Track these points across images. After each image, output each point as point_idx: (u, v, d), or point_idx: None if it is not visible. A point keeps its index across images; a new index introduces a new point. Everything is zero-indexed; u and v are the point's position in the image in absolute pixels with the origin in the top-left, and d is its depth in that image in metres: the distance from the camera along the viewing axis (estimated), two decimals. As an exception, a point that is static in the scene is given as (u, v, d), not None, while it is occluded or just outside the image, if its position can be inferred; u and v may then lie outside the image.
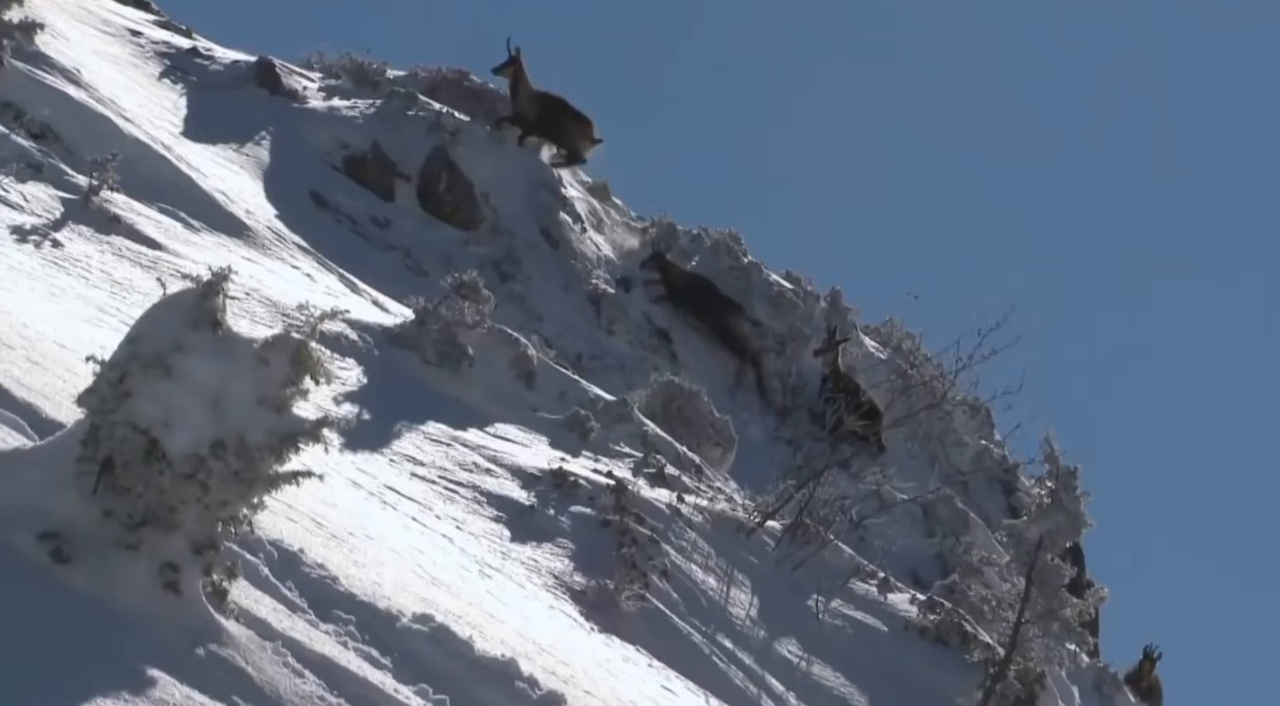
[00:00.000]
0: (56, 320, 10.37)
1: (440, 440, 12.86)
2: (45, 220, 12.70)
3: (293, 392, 6.51)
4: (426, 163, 19.48)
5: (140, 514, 6.22)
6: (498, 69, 20.39)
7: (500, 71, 20.41)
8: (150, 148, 15.32)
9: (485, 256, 18.84)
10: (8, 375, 8.00)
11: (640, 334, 19.45)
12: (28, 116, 14.14)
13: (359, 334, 13.72)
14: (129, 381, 6.28)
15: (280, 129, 18.89)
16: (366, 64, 21.00)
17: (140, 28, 20.16)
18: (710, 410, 16.38)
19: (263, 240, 15.52)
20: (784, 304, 20.54)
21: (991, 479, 20.50)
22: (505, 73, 20.36)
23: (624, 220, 21.14)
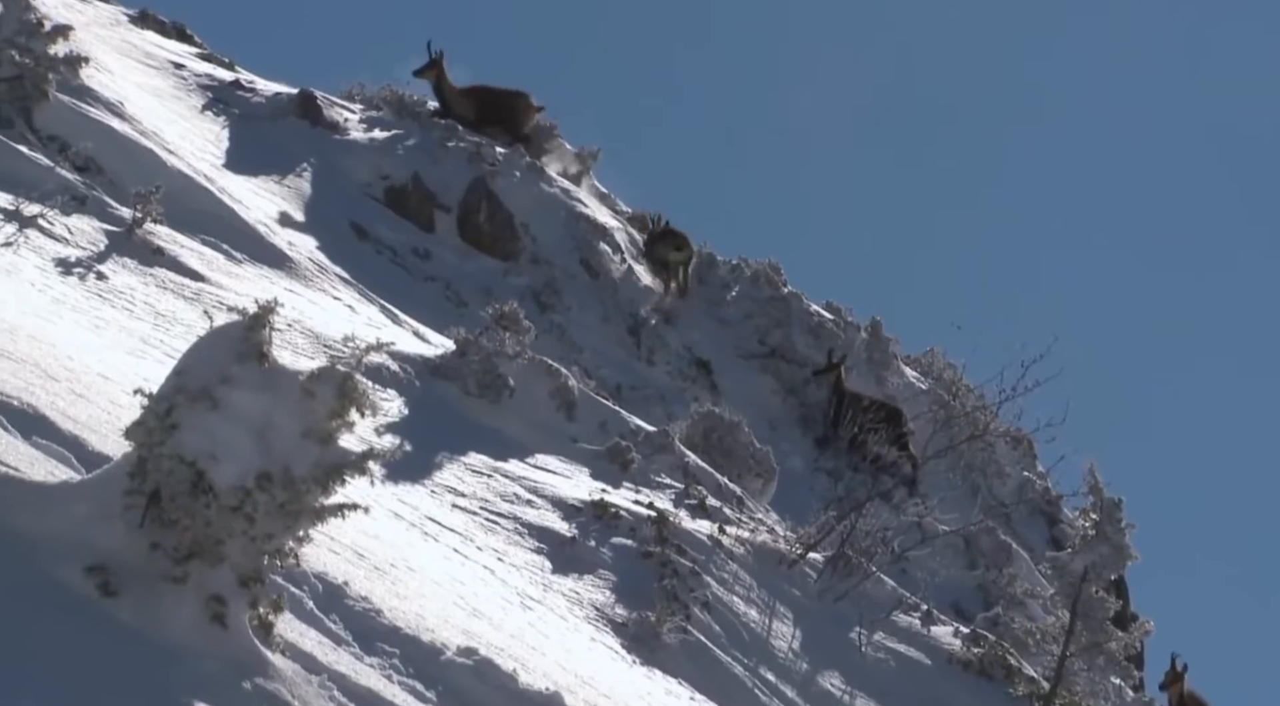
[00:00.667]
0: (100, 352, 10.41)
1: (481, 471, 12.86)
2: (89, 252, 12.76)
3: (338, 425, 6.51)
4: (466, 194, 19.54)
5: (187, 547, 6.22)
6: (418, 72, 20.37)
7: (421, 74, 20.41)
8: (193, 180, 15.40)
9: (525, 287, 18.88)
10: (54, 407, 8.03)
11: (680, 364, 19.44)
12: (73, 149, 14.22)
13: (400, 365, 13.74)
14: (176, 414, 6.29)
15: (321, 160, 18.99)
16: (407, 96, 21.08)
17: (183, 61, 20.30)
18: (751, 441, 16.35)
19: (304, 272, 15.56)
20: (824, 334, 20.51)
21: (1034, 511, 20.40)
22: (427, 75, 20.38)
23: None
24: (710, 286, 20.55)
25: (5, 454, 6.75)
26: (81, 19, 18.91)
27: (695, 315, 20.14)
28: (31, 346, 9.26)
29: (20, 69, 13.97)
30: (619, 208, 21.75)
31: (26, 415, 7.61)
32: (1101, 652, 12.50)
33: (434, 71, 20.24)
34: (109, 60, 17.72)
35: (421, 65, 20.33)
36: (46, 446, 7.27)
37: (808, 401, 20.10)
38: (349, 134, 19.79)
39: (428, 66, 20.26)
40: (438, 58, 20.23)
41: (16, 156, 13.50)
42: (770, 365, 20.24)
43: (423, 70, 20.31)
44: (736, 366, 19.97)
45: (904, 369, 21.07)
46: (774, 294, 20.70)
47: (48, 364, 9.00)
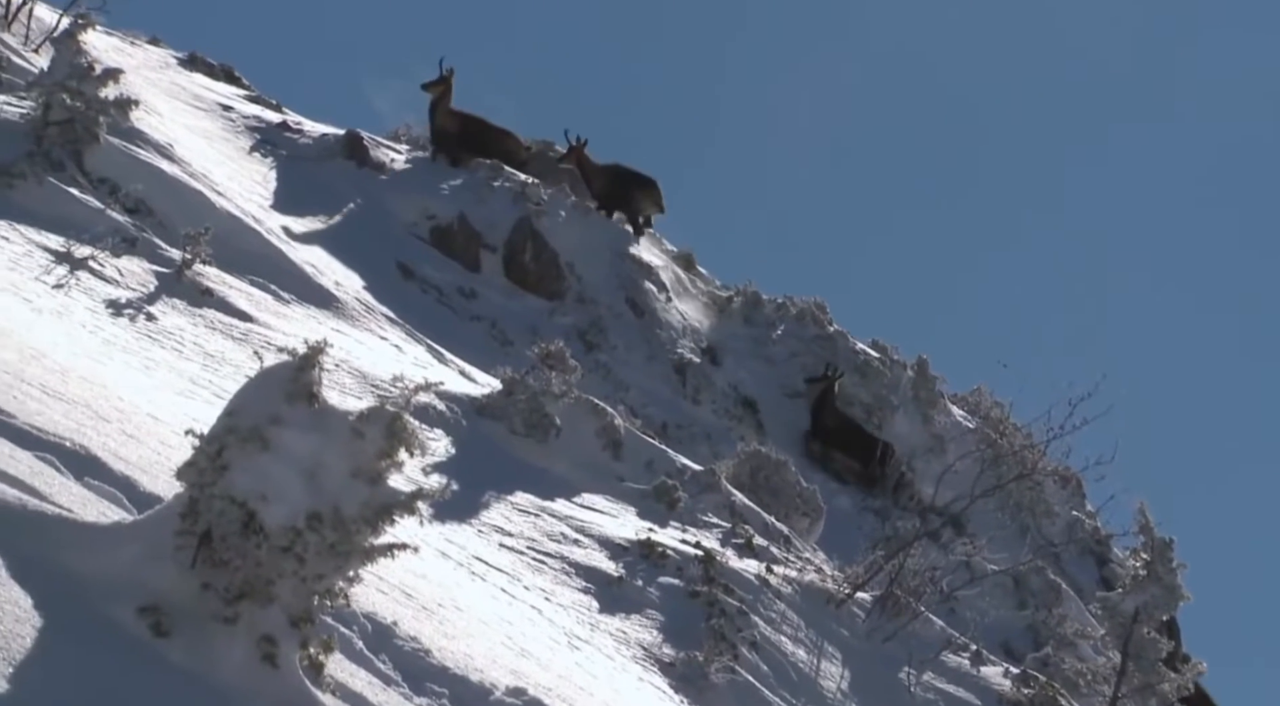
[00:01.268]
0: (150, 392, 10.47)
1: (528, 510, 12.86)
2: (140, 294, 12.85)
3: (387, 465, 6.52)
4: (512, 233, 19.60)
5: (238, 587, 6.23)
6: (427, 85, 20.44)
7: (430, 88, 20.47)
8: (241, 221, 15.50)
9: (571, 326, 18.91)
10: (105, 448, 8.07)
11: (726, 403, 19.42)
12: (123, 191, 14.34)
13: (447, 404, 13.77)
14: (227, 454, 6.31)
15: (368, 201, 19.09)
16: (453, 135, 21.17)
17: (231, 102, 20.47)
18: (798, 480, 16.31)
19: (351, 311, 15.63)
20: (870, 373, 20.47)
21: (1084, 550, 20.27)
22: (435, 89, 20.43)
23: (709, 289, 21.16)
24: (756, 325, 20.54)
25: (58, 495, 6.79)
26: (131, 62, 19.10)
27: (741, 353, 20.13)
28: (83, 387, 9.32)
29: (72, 112, 14.10)
30: (664, 246, 21.78)
31: (79, 456, 7.66)
32: (1154, 694, 12.38)
33: (442, 87, 20.31)
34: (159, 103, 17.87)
35: (432, 80, 20.40)
36: (98, 487, 7.31)
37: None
38: (395, 174, 19.89)
39: (437, 82, 20.34)
40: (449, 74, 20.31)
41: (68, 199, 13.62)
42: (816, 404, 20.19)
43: (432, 84, 20.38)
44: (782, 405, 19.94)
45: (951, 407, 21.00)
46: (820, 332, 20.68)
47: (99, 405, 9.05)
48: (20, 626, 5.76)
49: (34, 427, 7.75)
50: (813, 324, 20.68)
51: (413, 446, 6.55)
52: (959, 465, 19.37)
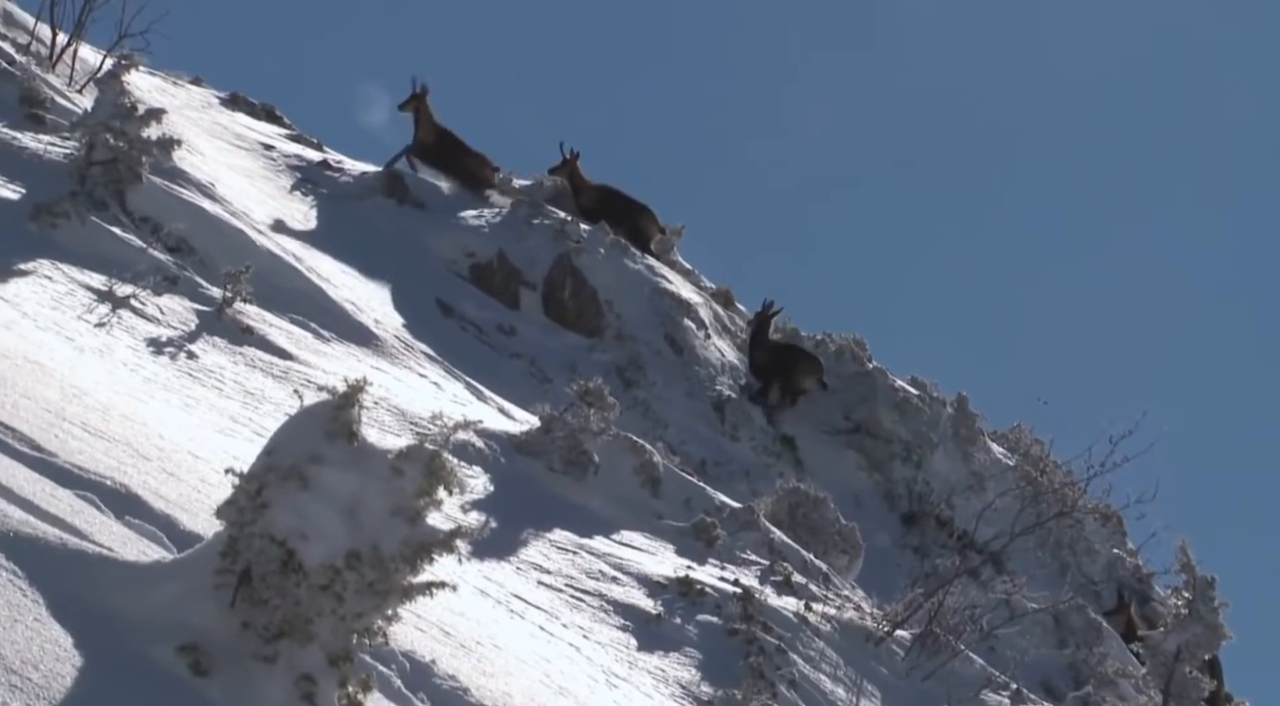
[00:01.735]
0: (191, 430, 10.53)
1: (566, 548, 12.87)
2: (180, 332, 12.93)
3: (426, 503, 6.54)
4: (551, 270, 19.66)
5: (277, 626, 6.25)
6: (403, 104, 20.58)
7: (405, 107, 20.56)
8: (282, 259, 15.58)
9: (609, 363, 18.93)
10: (145, 486, 8.12)
11: (764, 440, 19.40)
12: (165, 230, 14.44)
13: (485, 442, 13.80)
14: (266, 493, 6.34)
15: (407, 238, 19.18)
16: (493, 173, 21.28)
17: (272, 141, 20.62)
18: (836, 517, 16.27)
19: (390, 349, 15.68)
20: (909, 410, 20.43)
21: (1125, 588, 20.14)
22: (409, 107, 20.52)
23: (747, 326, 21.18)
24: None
25: (99, 534, 6.83)
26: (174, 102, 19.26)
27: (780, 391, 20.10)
28: (124, 426, 9.38)
29: (115, 152, 14.21)
30: (703, 283, 21.81)
31: (119, 495, 7.70)
32: (1196, 733, 12.29)
33: (415, 104, 20.46)
34: (200, 142, 18.02)
35: (405, 99, 20.57)
36: (139, 526, 7.35)
37: (893, 477, 20.00)
38: (435, 212, 19.99)
39: (410, 100, 20.50)
40: (422, 92, 20.47)
41: (110, 238, 13.73)
42: (855, 441, 20.17)
43: (406, 103, 20.54)
44: (821, 442, 19.91)
45: (990, 444, 20.93)
46: (859, 369, 20.65)
47: (139, 443, 9.11)
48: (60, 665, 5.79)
49: (75, 466, 7.80)
50: (851, 361, 20.66)
51: (452, 485, 6.57)
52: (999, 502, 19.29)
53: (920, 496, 19.78)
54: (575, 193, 20.94)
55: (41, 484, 7.10)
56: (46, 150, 14.76)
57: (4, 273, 12.34)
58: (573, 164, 20.96)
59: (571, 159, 20.95)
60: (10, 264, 12.55)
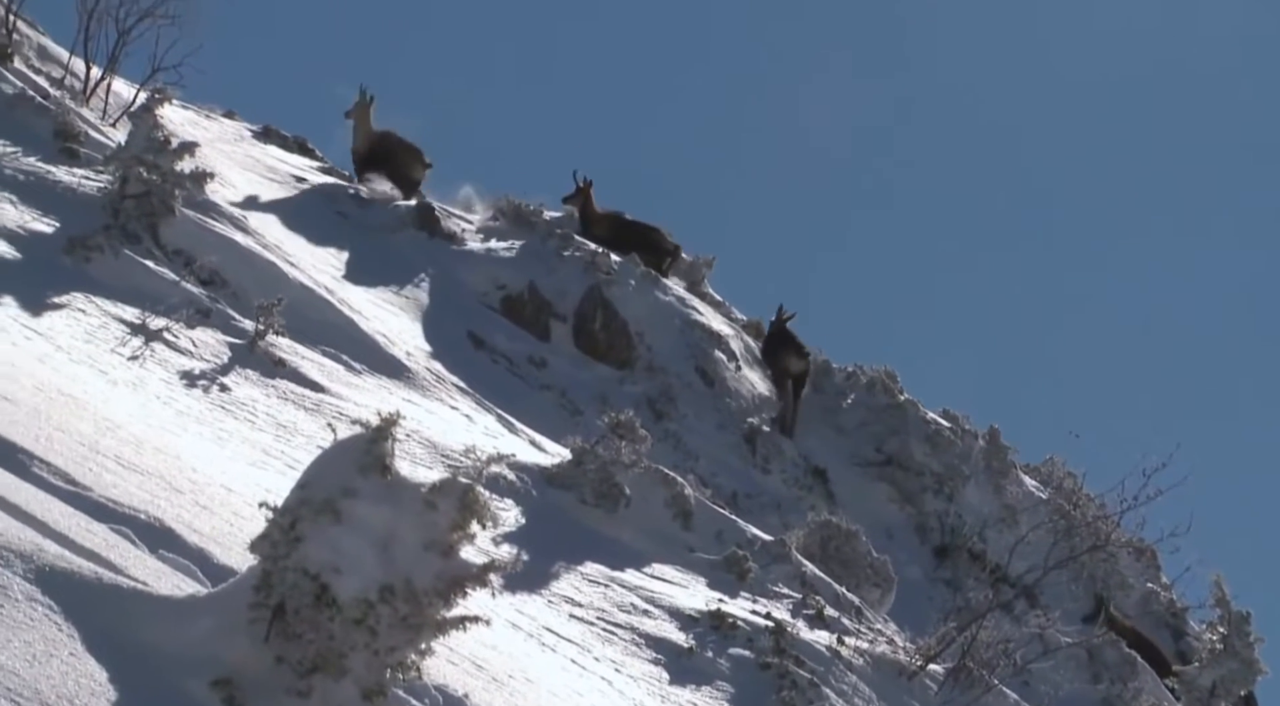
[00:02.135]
0: (223, 463, 10.55)
1: (598, 581, 12.84)
2: (213, 365, 12.97)
3: (459, 537, 6.53)
4: (582, 302, 19.67)
5: (311, 660, 6.25)
6: (348, 112, 20.91)
7: (350, 114, 20.91)
8: (314, 292, 15.62)
9: (640, 395, 18.92)
10: (179, 520, 8.13)
11: (796, 472, 19.35)
12: (198, 263, 14.50)
13: (517, 474, 13.79)
14: (300, 527, 6.35)
15: (439, 271, 19.21)
16: (523, 206, 21.32)
17: (304, 174, 20.69)
18: (869, 550, 16.21)
19: (422, 381, 15.70)
20: (941, 442, 20.36)
21: (1159, 623, 20.02)
22: (353, 115, 20.88)
23: None
24: (826, 394, 20.48)
25: (133, 568, 6.84)
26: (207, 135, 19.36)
27: (811, 422, 20.08)
28: (157, 459, 9.40)
29: (148, 185, 14.29)
30: (734, 315, 21.79)
31: (154, 528, 7.72)
32: (1232, 769, 12.19)
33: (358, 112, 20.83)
34: (233, 175, 18.10)
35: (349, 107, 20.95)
36: (173, 560, 7.36)
37: (925, 510, 19.93)
38: (466, 244, 20.02)
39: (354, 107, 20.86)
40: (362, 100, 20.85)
41: (144, 271, 13.79)
42: (887, 473, 20.11)
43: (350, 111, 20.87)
44: (853, 474, 19.85)
45: (1023, 477, 20.84)
46: (890, 401, 20.60)
47: (173, 476, 9.13)
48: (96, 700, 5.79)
49: (110, 500, 7.83)
50: (883, 393, 20.61)
51: (485, 518, 6.56)
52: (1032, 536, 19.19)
53: (952, 529, 19.69)
54: (586, 222, 21.02)
55: (77, 518, 7.12)
56: (80, 184, 14.84)
57: (38, 306, 12.40)
58: (586, 192, 21.02)
59: (585, 187, 21.02)
60: (44, 297, 12.61)
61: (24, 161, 14.97)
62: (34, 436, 8.44)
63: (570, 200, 21.26)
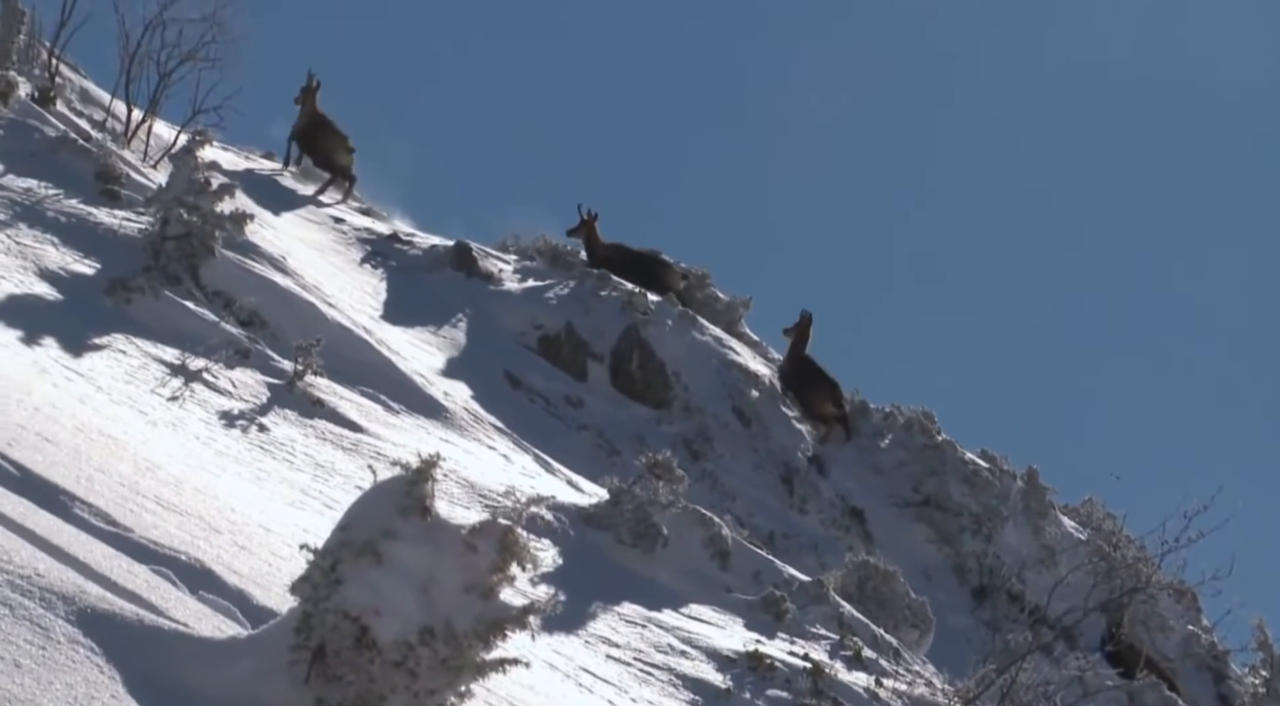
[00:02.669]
0: (262, 503, 10.59)
1: (635, 621, 12.82)
2: (252, 405, 13.03)
3: (499, 579, 6.53)
4: (619, 342, 19.69)
5: (351, 702, 6.25)
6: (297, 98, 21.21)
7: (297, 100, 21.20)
8: (352, 332, 15.68)
9: (677, 435, 18.91)
10: (218, 560, 8.16)
11: (833, 513, 19.30)
12: (237, 304, 14.58)
13: (554, 514, 13.80)
14: (341, 569, 6.35)
15: (476, 310, 19.26)
16: (560, 246, 21.39)
17: (343, 215, 20.80)
18: (907, 591, 16.14)
19: (459, 421, 15.73)
20: (979, 483, 20.29)
21: (1200, 665, 19.87)
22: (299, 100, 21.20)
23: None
24: (863, 434, 20.44)
25: (174, 609, 6.86)
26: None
27: (848, 463, 20.04)
28: (196, 499, 9.44)
29: (188, 227, 14.38)
30: (770, 355, 21.78)
31: (194, 569, 7.74)
32: (1275, 813, 12.08)
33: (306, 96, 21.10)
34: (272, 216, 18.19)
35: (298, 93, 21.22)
36: (213, 601, 7.38)
37: (963, 551, 19.85)
38: (503, 284, 20.08)
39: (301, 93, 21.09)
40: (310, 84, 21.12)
41: (183, 312, 13.87)
42: (925, 514, 20.05)
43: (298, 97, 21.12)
44: (890, 515, 19.79)
45: (1062, 518, 20.74)
46: (928, 442, 20.54)
47: (212, 516, 9.16)
48: (137, 741, 5.80)
49: (150, 541, 7.86)
50: (920, 433, 20.55)
51: (525, 560, 6.56)
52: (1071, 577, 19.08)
53: (991, 570, 19.60)
54: (592, 253, 21.15)
55: (118, 559, 7.14)
56: (121, 225, 14.95)
57: (79, 347, 12.49)
58: (590, 225, 21.11)
59: (589, 220, 21.10)
60: (85, 338, 12.70)
61: (66, 203, 15.09)
62: (75, 477, 8.49)
63: (574, 232, 21.28)
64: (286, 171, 21.44)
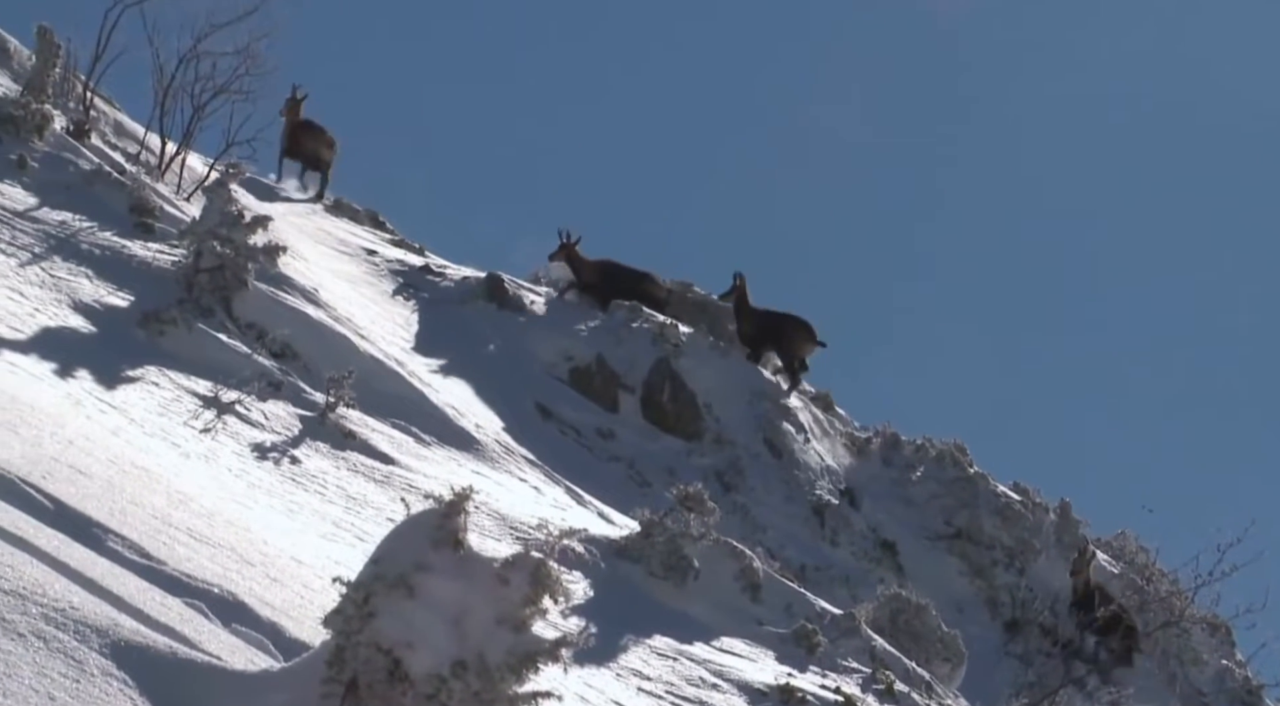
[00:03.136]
0: (294, 536, 10.60)
1: (666, 654, 12.79)
2: (284, 437, 13.05)
3: (531, 612, 6.52)
4: (650, 374, 19.69)
5: (383, 736, 6.25)
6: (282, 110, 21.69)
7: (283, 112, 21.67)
8: (384, 364, 15.71)
9: (708, 467, 18.89)
10: (251, 593, 8.17)
11: (865, 545, 19.25)
12: (269, 336, 14.62)
13: (585, 546, 13.78)
14: (373, 602, 6.36)
15: (507, 342, 19.29)
16: (591, 278, 21.40)
17: (375, 247, 20.87)
18: (939, 624, 16.07)
19: (491, 453, 15.74)
20: (1011, 516, 20.21)
21: (1234, 700, 19.72)
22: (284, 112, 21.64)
23: (847, 430, 21.09)
24: (895, 466, 20.39)
25: (208, 642, 6.87)
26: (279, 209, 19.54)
27: (880, 495, 19.99)
28: (228, 531, 9.46)
29: (222, 259, 14.44)
30: (802, 387, 21.73)
31: (226, 602, 7.76)
32: None
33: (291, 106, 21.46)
34: (305, 248, 18.25)
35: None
36: (246, 633, 7.39)
37: (995, 584, 19.77)
38: (535, 316, 20.11)
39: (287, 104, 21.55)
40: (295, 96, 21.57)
41: (216, 344, 13.92)
42: (957, 547, 19.97)
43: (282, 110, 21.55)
44: (922, 548, 19.72)
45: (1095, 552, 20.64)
46: (960, 474, 20.47)
47: (244, 549, 9.18)
48: (170, 774, 5.80)
49: (183, 574, 7.87)
50: (952, 466, 20.49)
51: (557, 594, 6.55)
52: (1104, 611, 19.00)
53: (1024, 603, 19.51)
54: (576, 272, 21.25)
55: (151, 592, 7.16)
56: (155, 258, 15.02)
57: (113, 379, 12.54)
58: (570, 246, 21.19)
59: (569, 244, 21.18)
60: (119, 370, 12.75)
61: (100, 236, 15.17)
62: (108, 510, 8.51)
63: (555, 256, 21.29)
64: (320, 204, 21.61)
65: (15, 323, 12.83)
